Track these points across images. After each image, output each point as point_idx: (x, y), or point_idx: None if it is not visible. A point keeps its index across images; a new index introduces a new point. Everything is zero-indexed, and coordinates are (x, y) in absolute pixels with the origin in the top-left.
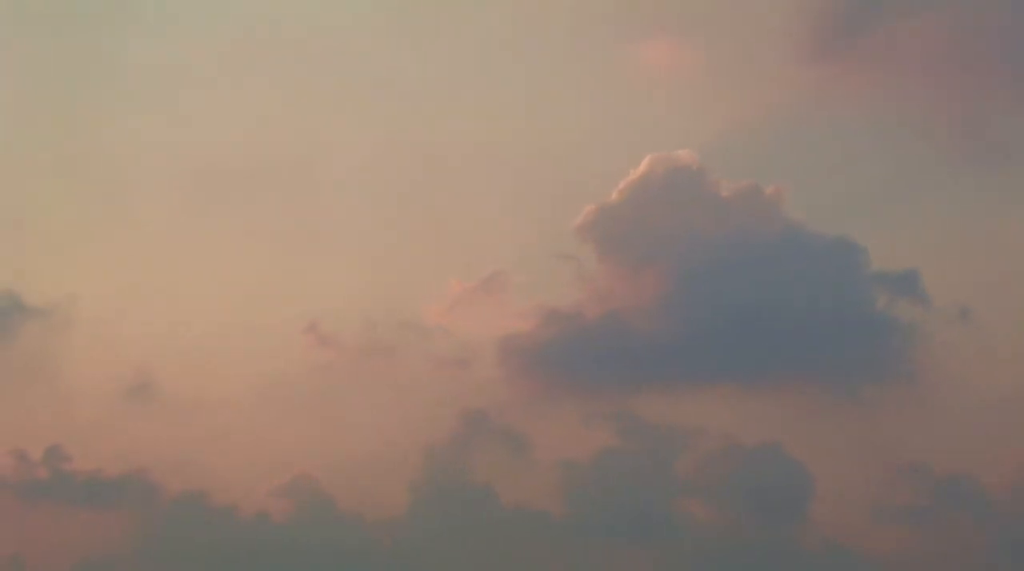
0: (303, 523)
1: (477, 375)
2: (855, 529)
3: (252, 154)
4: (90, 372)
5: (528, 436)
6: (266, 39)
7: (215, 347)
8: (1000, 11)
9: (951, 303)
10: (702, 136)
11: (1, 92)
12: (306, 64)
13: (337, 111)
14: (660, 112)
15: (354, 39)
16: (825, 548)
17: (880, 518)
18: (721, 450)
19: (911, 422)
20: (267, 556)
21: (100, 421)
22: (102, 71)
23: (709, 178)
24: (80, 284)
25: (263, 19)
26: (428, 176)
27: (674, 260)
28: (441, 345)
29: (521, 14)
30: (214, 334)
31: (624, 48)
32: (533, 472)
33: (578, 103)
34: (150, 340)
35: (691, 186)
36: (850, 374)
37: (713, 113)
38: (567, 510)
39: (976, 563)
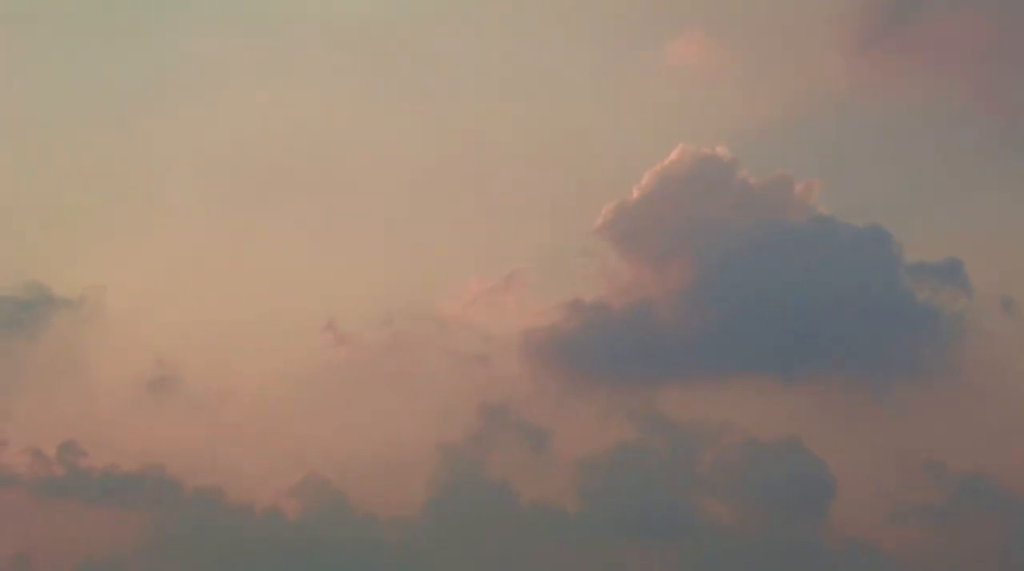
0: (319, 521)
1: (496, 371)
2: (876, 527)
3: (279, 151)
4: (112, 365)
5: (546, 432)
6: (295, 38)
7: (237, 342)
8: None
9: (993, 293)
10: (734, 130)
11: (32, 87)
12: (333, 63)
13: (361, 110)
14: (692, 107)
15: (381, 39)
16: (846, 546)
17: (901, 517)
18: (742, 446)
19: (942, 419)
20: (282, 554)
21: (119, 416)
22: (134, 65)
23: (739, 170)
24: (107, 276)
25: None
26: (450, 173)
27: (699, 252)
28: (460, 341)
29: (553, 11)
30: (236, 329)
31: (658, 45)
32: (551, 469)
33: (610, 99)
34: (172, 333)
35: (719, 177)
36: (882, 368)
37: (745, 108)
38: (584, 507)
39: (1005, 564)
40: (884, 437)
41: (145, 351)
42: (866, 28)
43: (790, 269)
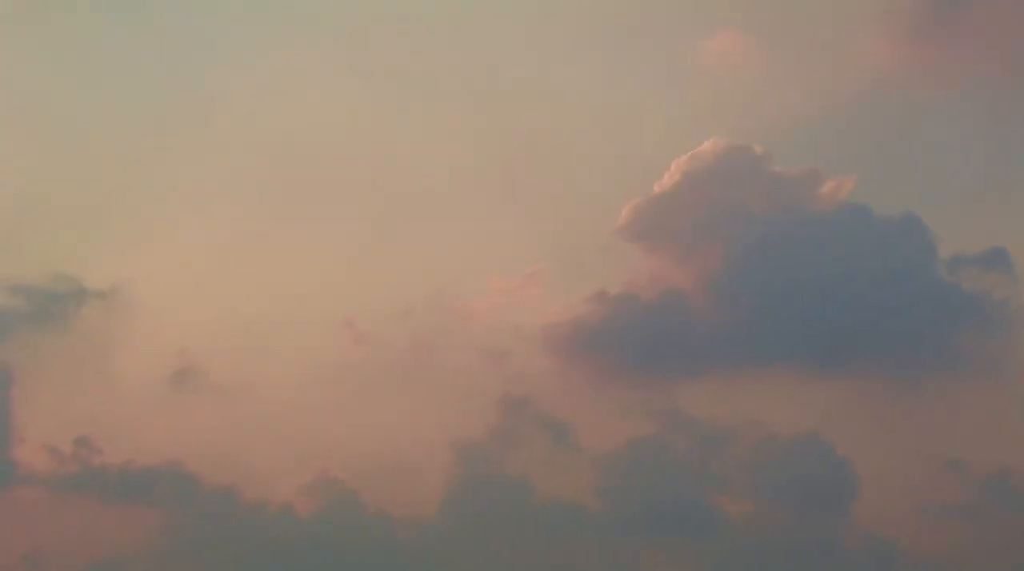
0: (334, 518)
1: (517, 367)
2: (899, 526)
3: (307, 150)
4: (137, 358)
5: (567, 428)
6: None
7: (261, 337)
8: None
9: None
10: (768, 126)
11: (65, 79)
12: (356, 62)
13: (386, 109)
14: (726, 103)
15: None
16: (864, 544)
17: (927, 516)
18: (766, 443)
19: (973, 415)
20: (298, 552)
21: (140, 410)
22: (169, 60)
23: (771, 163)
24: (136, 269)
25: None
26: (476, 167)
27: (728, 244)
28: (482, 337)
29: (586, 8)
30: (261, 324)
31: (692, 43)
32: (571, 465)
33: (643, 93)
34: (198, 327)
35: (750, 168)
36: (916, 362)
37: (780, 103)
38: (604, 505)
39: None
40: (912, 434)
41: (170, 344)
42: (907, 17)
43: (821, 260)
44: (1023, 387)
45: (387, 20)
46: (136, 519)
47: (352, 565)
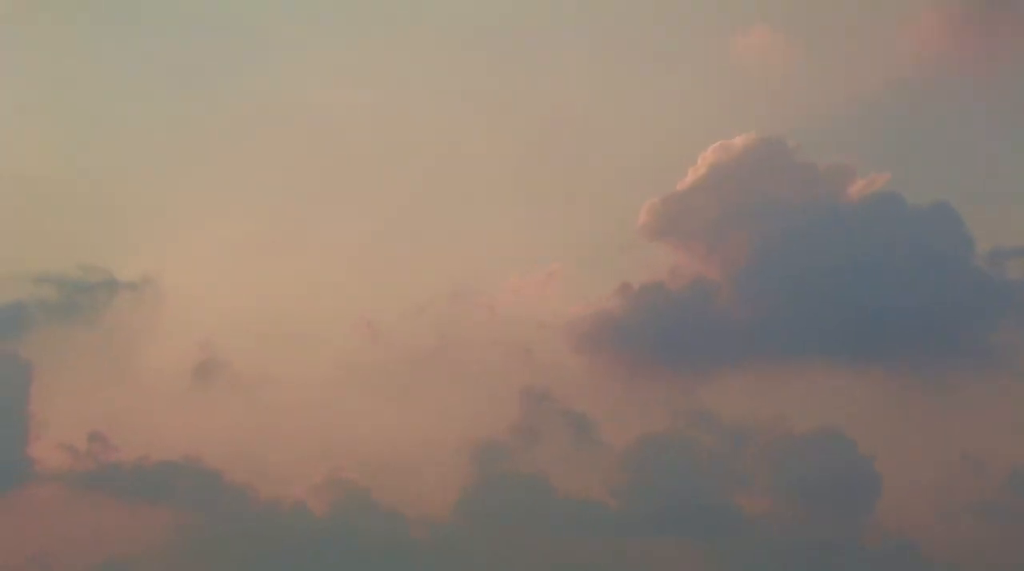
0: (349, 517)
1: (537, 363)
2: (923, 526)
3: (335, 145)
4: (161, 350)
5: (585, 425)
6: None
7: (283, 331)
8: None
9: None
10: (799, 120)
11: (94, 69)
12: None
13: (413, 105)
14: (757, 98)
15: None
16: (890, 544)
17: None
18: (786, 441)
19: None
20: (312, 551)
21: (159, 405)
22: (202, 52)
23: (802, 156)
24: (163, 262)
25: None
26: (504, 160)
27: (755, 236)
28: (504, 332)
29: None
30: (284, 318)
31: (723, 42)
32: (589, 462)
33: (674, 90)
34: (222, 321)
35: (780, 160)
36: (950, 358)
37: (810, 99)
38: (622, 502)
39: None
40: (939, 431)
41: (194, 337)
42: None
43: (851, 251)
44: None
45: (409, 20)
46: (149, 517)
47: (368, 564)
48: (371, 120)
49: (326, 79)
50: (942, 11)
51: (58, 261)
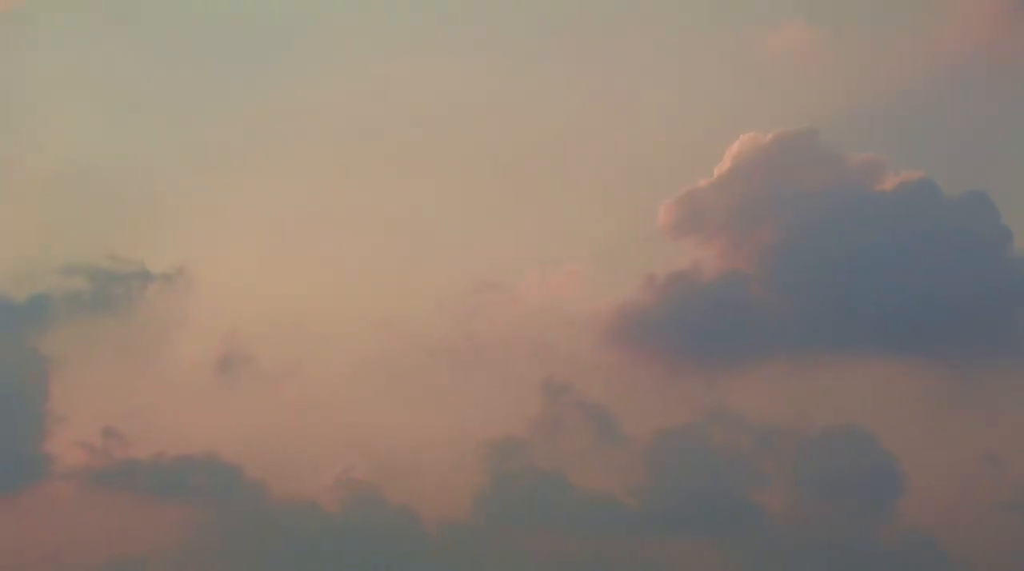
0: (362, 514)
1: (559, 357)
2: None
3: (365, 142)
4: (186, 342)
5: (606, 420)
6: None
7: (309, 326)
8: None
9: None
10: (830, 115)
11: (126, 63)
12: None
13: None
14: (789, 94)
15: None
16: (912, 543)
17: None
18: (809, 437)
19: None
20: (329, 547)
21: (182, 398)
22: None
23: (833, 149)
24: (194, 254)
25: None
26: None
27: (783, 228)
28: (523, 329)
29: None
30: (311, 312)
31: (756, 35)
32: (608, 458)
33: (706, 86)
34: (249, 313)
35: (810, 153)
36: (979, 355)
37: (844, 94)
38: (640, 500)
39: None
40: (966, 428)
41: (221, 329)
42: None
43: (884, 241)
44: None
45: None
46: (165, 513)
47: (385, 562)
48: (397, 116)
49: (356, 74)
50: (977, 3)
51: (89, 251)
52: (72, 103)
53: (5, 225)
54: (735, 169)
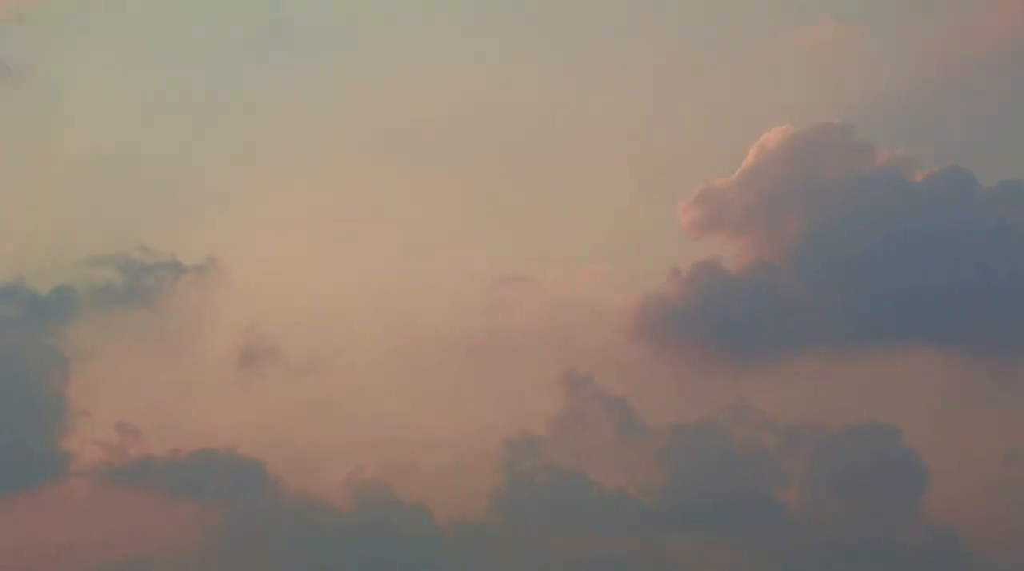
0: (375, 511)
1: (582, 352)
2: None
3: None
4: (213, 335)
5: (627, 417)
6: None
7: (334, 321)
8: None
9: None
10: (862, 111)
11: (158, 57)
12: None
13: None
14: (821, 89)
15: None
16: (925, 542)
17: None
18: (834, 433)
19: None
20: (346, 545)
21: (204, 392)
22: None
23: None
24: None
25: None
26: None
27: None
28: (547, 323)
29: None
30: (336, 306)
31: (785, 33)
32: (626, 458)
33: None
34: (276, 306)
35: (842, 145)
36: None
37: (873, 88)
38: (659, 498)
39: None
40: (996, 423)
41: (246, 323)
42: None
43: (916, 230)
44: None
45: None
46: (187, 509)
47: (401, 559)
48: (425, 114)
49: (384, 70)
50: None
51: (118, 242)
52: (103, 95)
53: (34, 217)
54: (762, 163)
